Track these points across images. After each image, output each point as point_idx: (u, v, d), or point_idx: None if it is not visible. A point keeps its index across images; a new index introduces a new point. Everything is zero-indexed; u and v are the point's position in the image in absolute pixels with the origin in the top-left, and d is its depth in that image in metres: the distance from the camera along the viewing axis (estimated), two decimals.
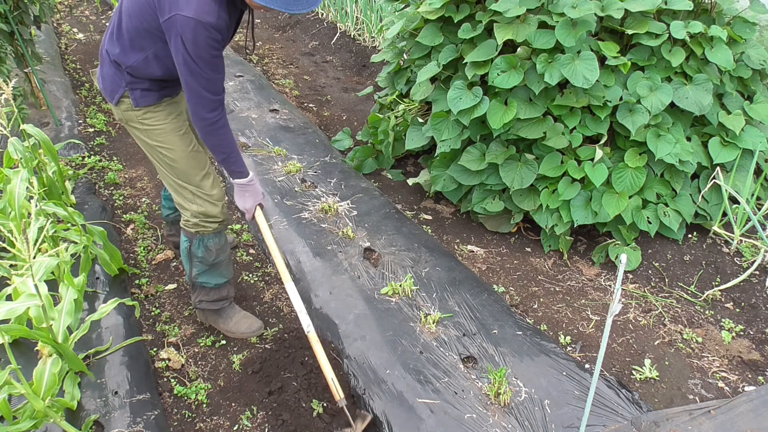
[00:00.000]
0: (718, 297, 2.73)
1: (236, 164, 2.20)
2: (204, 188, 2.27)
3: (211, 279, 2.44)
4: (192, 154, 2.24)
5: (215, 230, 2.34)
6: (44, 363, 2.03)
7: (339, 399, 2.10)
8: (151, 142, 2.21)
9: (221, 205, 2.31)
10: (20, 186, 2.40)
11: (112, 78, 2.14)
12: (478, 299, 2.62)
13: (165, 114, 2.20)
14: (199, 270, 2.41)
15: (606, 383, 2.21)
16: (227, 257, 2.45)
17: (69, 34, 6.54)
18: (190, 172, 2.24)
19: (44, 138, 2.81)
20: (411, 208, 3.56)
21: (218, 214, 2.30)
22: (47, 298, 1.97)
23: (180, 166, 2.22)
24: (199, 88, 1.95)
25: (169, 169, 2.25)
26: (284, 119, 4.41)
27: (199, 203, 2.27)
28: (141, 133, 2.22)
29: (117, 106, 2.19)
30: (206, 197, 2.27)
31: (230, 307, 2.58)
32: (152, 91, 2.15)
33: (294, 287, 2.25)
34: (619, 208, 2.82)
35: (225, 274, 2.47)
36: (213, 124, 2.05)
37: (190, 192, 2.27)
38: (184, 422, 2.21)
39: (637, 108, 2.83)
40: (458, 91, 2.98)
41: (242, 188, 2.26)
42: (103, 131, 4.37)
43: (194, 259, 2.38)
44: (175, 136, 2.21)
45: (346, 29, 6.42)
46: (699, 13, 3.07)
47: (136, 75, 2.10)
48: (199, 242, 2.34)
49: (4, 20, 3.74)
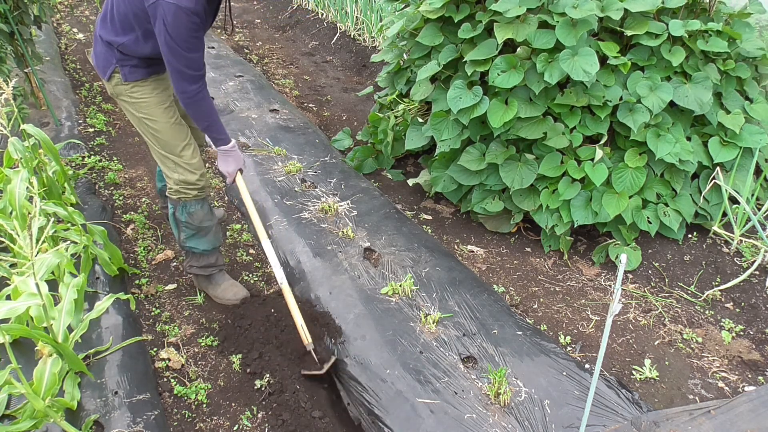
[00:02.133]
0: (718, 297, 2.73)
1: (218, 132, 2.45)
2: (185, 157, 2.50)
3: (199, 245, 2.66)
4: (174, 126, 2.48)
5: (195, 197, 2.57)
6: (44, 363, 2.03)
7: (307, 343, 2.40)
8: (138, 114, 2.45)
9: (199, 173, 2.54)
10: (20, 186, 2.40)
11: (104, 55, 2.37)
12: (478, 299, 2.62)
13: (151, 89, 2.43)
14: (186, 235, 2.65)
15: (606, 383, 2.21)
16: (213, 226, 2.68)
17: (69, 34, 6.54)
18: (172, 142, 2.48)
19: (44, 138, 2.81)
20: (411, 208, 3.56)
21: (196, 181, 2.54)
22: (48, 297, 1.97)
23: (163, 136, 2.46)
24: (180, 65, 2.17)
25: (154, 140, 2.49)
26: (284, 119, 4.41)
27: (180, 172, 2.51)
28: (129, 106, 2.46)
29: (108, 81, 2.42)
30: (187, 166, 2.51)
31: (220, 275, 2.81)
32: (140, 67, 2.38)
33: (270, 244, 2.53)
34: (619, 208, 2.82)
35: (212, 241, 2.69)
36: (194, 96, 2.28)
37: (172, 161, 2.50)
38: (184, 422, 2.21)
39: (637, 107, 2.84)
40: (458, 91, 2.98)
41: (225, 154, 2.51)
42: (103, 131, 4.37)
43: (180, 224, 2.64)
44: (159, 108, 2.44)
45: (346, 29, 6.42)
46: (698, 12, 3.08)
47: (126, 53, 2.32)
48: (182, 208, 2.58)
49: (4, 20, 3.74)
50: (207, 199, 2.63)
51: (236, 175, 2.57)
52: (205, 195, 2.61)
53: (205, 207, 2.62)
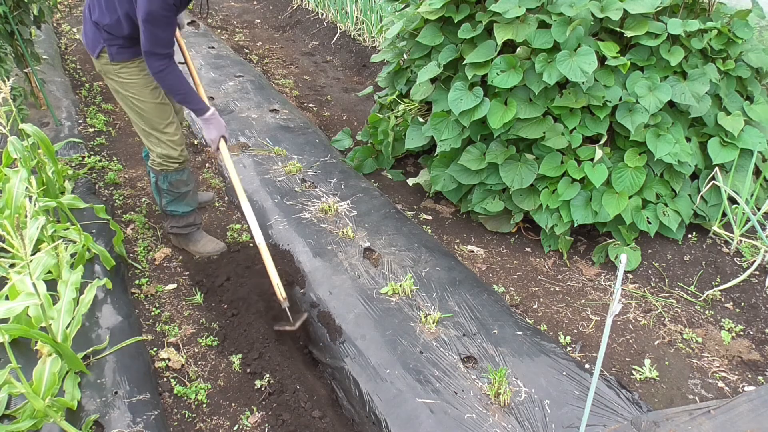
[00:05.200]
0: (718, 297, 2.73)
1: (194, 102, 2.62)
2: (168, 134, 2.75)
3: (179, 208, 2.97)
4: (159, 105, 2.71)
5: (176, 169, 2.83)
6: (44, 362, 2.03)
7: (282, 300, 2.54)
8: (125, 92, 2.67)
9: (180, 149, 2.80)
10: (19, 185, 2.39)
11: (93, 35, 2.58)
12: (478, 299, 2.62)
13: (138, 70, 2.64)
14: (167, 200, 2.94)
15: (606, 383, 2.21)
16: (191, 190, 2.97)
17: (69, 34, 6.54)
18: (156, 120, 2.71)
19: (43, 137, 2.81)
20: (411, 208, 3.56)
21: (178, 156, 2.80)
22: (46, 297, 1.97)
23: (148, 114, 2.69)
24: (151, 42, 2.39)
25: (138, 118, 2.72)
26: (284, 119, 4.41)
27: (163, 147, 2.76)
28: (117, 85, 2.67)
29: (97, 60, 2.63)
30: (169, 142, 2.76)
31: (198, 232, 3.12)
32: (126, 47, 2.58)
33: (249, 206, 2.70)
34: (618, 208, 2.82)
35: (190, 203, 3.00)
36: (162, 71, 2.49)
37: (156, 137, 2.75)
38: (184, 422, 2.21)
39: (636, 108, 2.84)
40: (459, 92, 2.98)
41: (207, 122, 2.69)
42: (103, 131, 4.37)
43: (162, 192, 2.91)
44: (146, 89, 2.67)
45: (346, 29, 6.42)
46: (698, 13, 3.08)
47: (112, 33, 2.54)
48: (164, 178, 2.86)
49: (4, 20, 3.74)
50: (186, 168, 2.89)
51: (219, 141, 2.75)
52: (185, 167, 2.87)
53: (184, 175, 2.89)
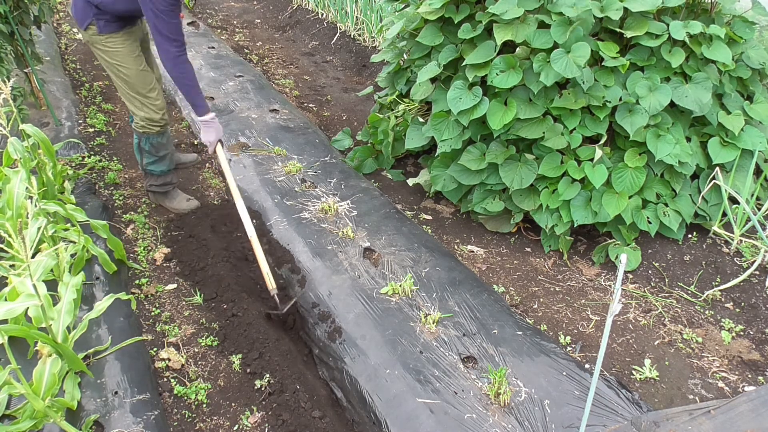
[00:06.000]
0: (718, 297, 2.73)
1: (200, 98, 2.87)
2: (150, 98, 3.03)
3: (157, 168, 3.28)
4: (142, 72, 2.99)
5: (157, 132, 3.12)
6: (44, 363, 2.03)
7: (272, 288, 2.70)
8: (111, 60, 2.93)
9: (162, 113, 3.09)
10: (19, 186, 2.39)
11: (83, 8, 2.78)
12: (478, 299, 2.62)
13: (123, 40, 2.89)
14: (148, 160, 3.24)
15: (606, 383, 2.21)
16: (170, 152, 3.28)
17: (69, 34, 6.54)
18: (140, 85, 2.99)
19: (43, 138, 2.81)
20: (411, 208, 3.56)
21: (159, 119, 3.09)
22: (46, 298, 1.97)
23: (132, 80, 2.97)
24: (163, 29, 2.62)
25: (123, 83, 2.99)
26: (284, 119, 4.41)
27: (146, 111, 3.05)
28: (103, 54, 2.92)
29: (85, 31, 2.84)
30: (152, 106, 3.04)
31: (174, 191, 3.44)
32: (113, 22, 2.82)
33: (243, 203, 2.92)
34: (619, 208, 2.82)
35: (168, 164, 3.31)
36: (176, 58, 2.71)
37: (139, 101, 3.03)
38: (184, 422, 2.21)
39: (636, 108, 2.83)
40: (458, 92, 2.98)
41: (207, 125, 2.96)
42: (103, 131, 4.37)
43: (143, 152, 3.21)
44: (130, 57, 2.93)
45: (346, 29, 6.42)
46: (699, 13, 3.07)
47: (103, 9, 2.76)
48: (146, 140, 3.15)
49: (4, 20, 3.74)
50: (166, 132, 3.18)
51: (216, 144, 3.01)
52: (165, 130, 3.15)
53: (164, 138, 3.18)
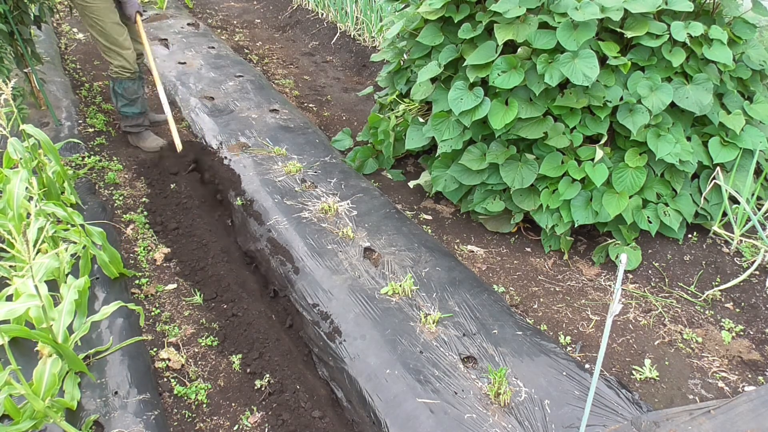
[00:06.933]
0: (718, 297, 2.73)
1: None
2: (123, 47, 3.72)
3: (130, 110, 3.96)
4: (116, 25, 3.67)
5: (129, 78, 3.83)
6: (44, 363, 2.03)
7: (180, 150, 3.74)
8: (90, 15, 3.57)
9: (132, 60, 3.79)
10: (20, 186, 2.39)
11: None
12: (478, 299, 2.62)
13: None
14: (122, 103, 3.93)
15: (606, 383, 2.21)
16: (140, 97, 3.97)
17: (69, 34, 6.54)
18: (114, 36, 3.67)
19: (44, 138, 2.81)
20: (411, 208, 3.56)
21: (130, 66, 3.78)
22: (47, 298, 1.97)
23: (108, 31, 3.64)
24: None
25: (101, 36, 3.65)
26: (284, 119, 4.41)
27: (119, 60, 3.74)
28: (84, 9, 3.54)
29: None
30: (125, 54, 3.74)
31: (146, 132, 4.13)
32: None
33: (162, 87, 3.98)
34: (619, 208, 2.82)
35: (140, 108, 4.00)
36: None
37: (114, 51, 3.72)
38: (184, 422, 2.21)
39: (637, 108, 2.83)
40: (459, 92, 2.98)
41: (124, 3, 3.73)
42: (103, 131, 4.37)
43: (117, 96, 3.90)
44: (106, 12, 3.60)
45: (346, 29, 6.42)
46: (699, 13, 3.07)
47: None
48: (120, 84, 3.84)
49: (4, 20, 3.74)
50: (137, 79, 3.86)
51: (135, 16, 3.77)
52: (135, 77, 3.84)
53: (135, 84, 3.87)
